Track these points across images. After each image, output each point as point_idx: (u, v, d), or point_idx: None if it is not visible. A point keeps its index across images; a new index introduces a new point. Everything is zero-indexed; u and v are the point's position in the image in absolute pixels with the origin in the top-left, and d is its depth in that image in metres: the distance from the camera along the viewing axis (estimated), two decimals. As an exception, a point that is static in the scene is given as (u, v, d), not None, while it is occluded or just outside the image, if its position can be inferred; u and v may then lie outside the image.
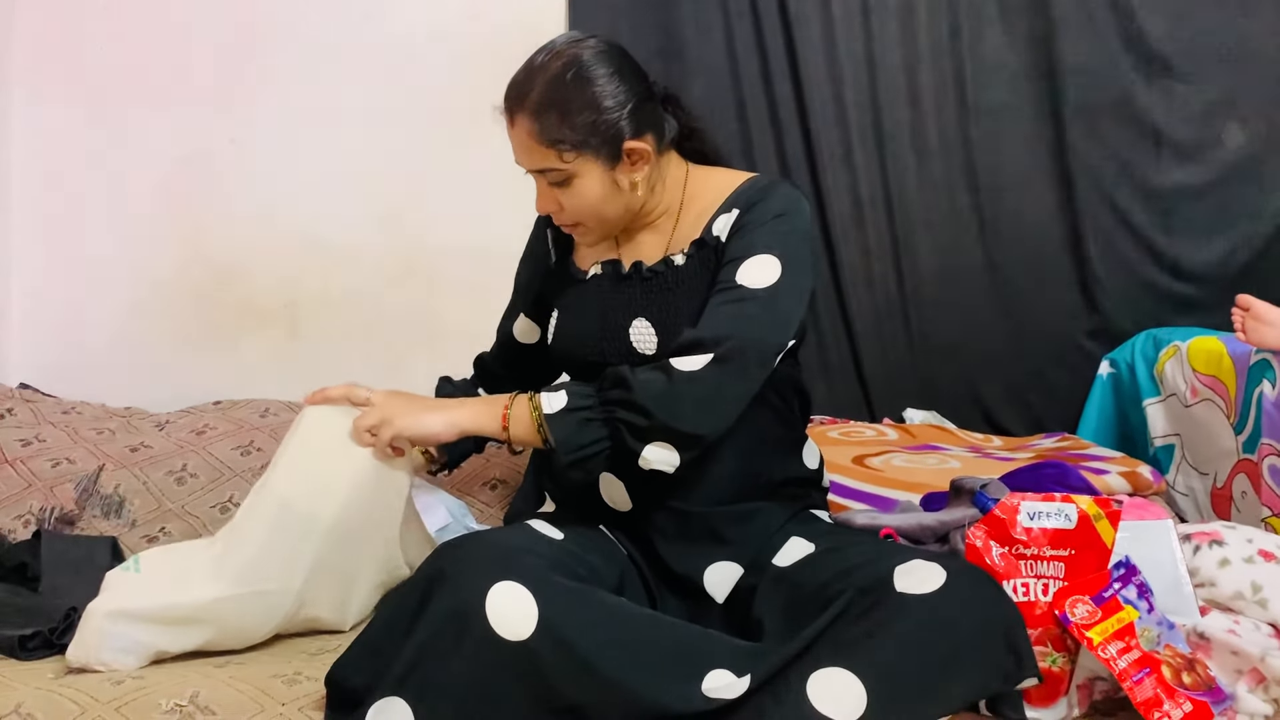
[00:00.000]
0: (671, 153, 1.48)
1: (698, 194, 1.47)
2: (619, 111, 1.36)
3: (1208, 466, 2.05)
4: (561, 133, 1.35)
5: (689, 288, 1.41)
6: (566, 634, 1.13)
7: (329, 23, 2.52)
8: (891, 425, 2.40)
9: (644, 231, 1.49)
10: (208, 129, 2.54)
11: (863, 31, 2.45)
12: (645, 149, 1.40)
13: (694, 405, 1.31)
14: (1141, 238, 2.44)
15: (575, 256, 1.55)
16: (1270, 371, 1.78)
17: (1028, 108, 2.45)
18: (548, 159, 1.37)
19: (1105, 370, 2.39)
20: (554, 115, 1.35)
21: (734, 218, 1.40)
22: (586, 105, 1.35)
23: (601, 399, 1.34)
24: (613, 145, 1.37)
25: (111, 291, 2.58)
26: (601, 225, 1.44)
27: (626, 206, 1.43)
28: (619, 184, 1.40)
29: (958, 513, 1.51)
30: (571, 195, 1.39)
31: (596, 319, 1.47)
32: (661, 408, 1.30)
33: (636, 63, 1.43)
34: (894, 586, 1.18)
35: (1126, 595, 1.33)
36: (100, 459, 1.96)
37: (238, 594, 1.37)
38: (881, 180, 2.48)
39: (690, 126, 1.49)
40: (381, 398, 1.43)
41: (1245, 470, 1.88)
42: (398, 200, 2.54)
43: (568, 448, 1.32)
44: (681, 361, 1.32)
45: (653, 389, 1.31)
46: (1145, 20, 2.36)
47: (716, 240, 1.41)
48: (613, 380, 1.34)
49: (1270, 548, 1.46)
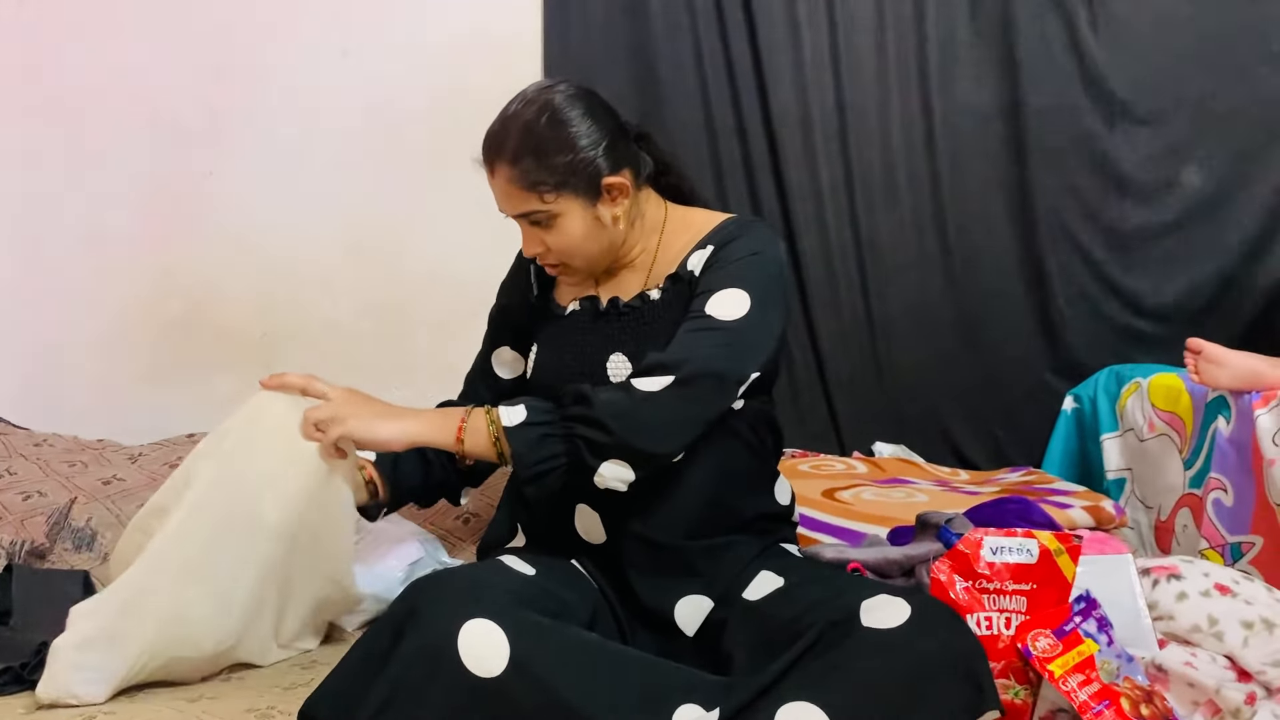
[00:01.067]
0: (649, 190, 1.52)
1: (676, 231, 1.50)
2: (594, 150, 1.40)
3: (1154, 500, 2.09)
4: (541, 175, 1.38)
5: (665, 322, 1.44)
6: (538, 670, 1.13)
7: (306, 57, 2.54)
8: (861, 459, 2.43)
9: (624, 270, 1.52)
10: (185, 161, 2.55)
11: (832, 72, 2.50)
12: (624, 183, 1.43)
13: (652, 425, 1.33)
14: (1104, 276, 2.49)
15: (555, 293, 1.57)
16: (1226, 409, 1.82)
17: (994, 149, 2.50)
18: (529, 202, 1.40)
19: (1069, 405, 2.43)
20: (531, 159, 1.38)
21: (708, 254, 1.44)
22: (563, 146, 1.38)
23: (561, 415, 1.34)
24: (592, 182, 1.40)
25: (85, 323, 2.58)
26: (587, 263, 1.47)
27: (610, 242, 1.46)
28: (601, 220, 1.43)
29: (923, 547, 1.54)
30: (556, 235, 1.42)
31: (574, 354, 1.49)
32: (621, 425, 1.31)
33: (608, 103, 1.47)
34: (860, 621, 1.20)
35: (1087, 629, 1.36)
36: (72, 492, 1.95)
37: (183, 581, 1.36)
38: (851, 219, 2.53)
39: (665, 162, 1.53)
40: (339, 394, 1.41)
41: (1189, 504, 1.93)
42: (372, 233, 2.56)
43: (526, 462, 1.33)
44: (643, 382, 1.34)
45: (613, 407, 1.32)
46: (1105, 66, 2.43)
47: (690, 275, 1.44)
48: (573, 397, 1.35)
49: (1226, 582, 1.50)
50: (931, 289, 2.54)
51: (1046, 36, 2.45)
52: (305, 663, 1.50)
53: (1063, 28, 2.45)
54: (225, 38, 2.54)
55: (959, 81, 2.49)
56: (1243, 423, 1.76)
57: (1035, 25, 2.45)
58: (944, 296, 2.54)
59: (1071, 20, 2.44)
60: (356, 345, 2.56)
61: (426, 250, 2.53)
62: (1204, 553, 1.81)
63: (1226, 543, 1.78)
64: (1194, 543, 1.87)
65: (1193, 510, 1.90)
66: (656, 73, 2.53)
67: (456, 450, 1.37)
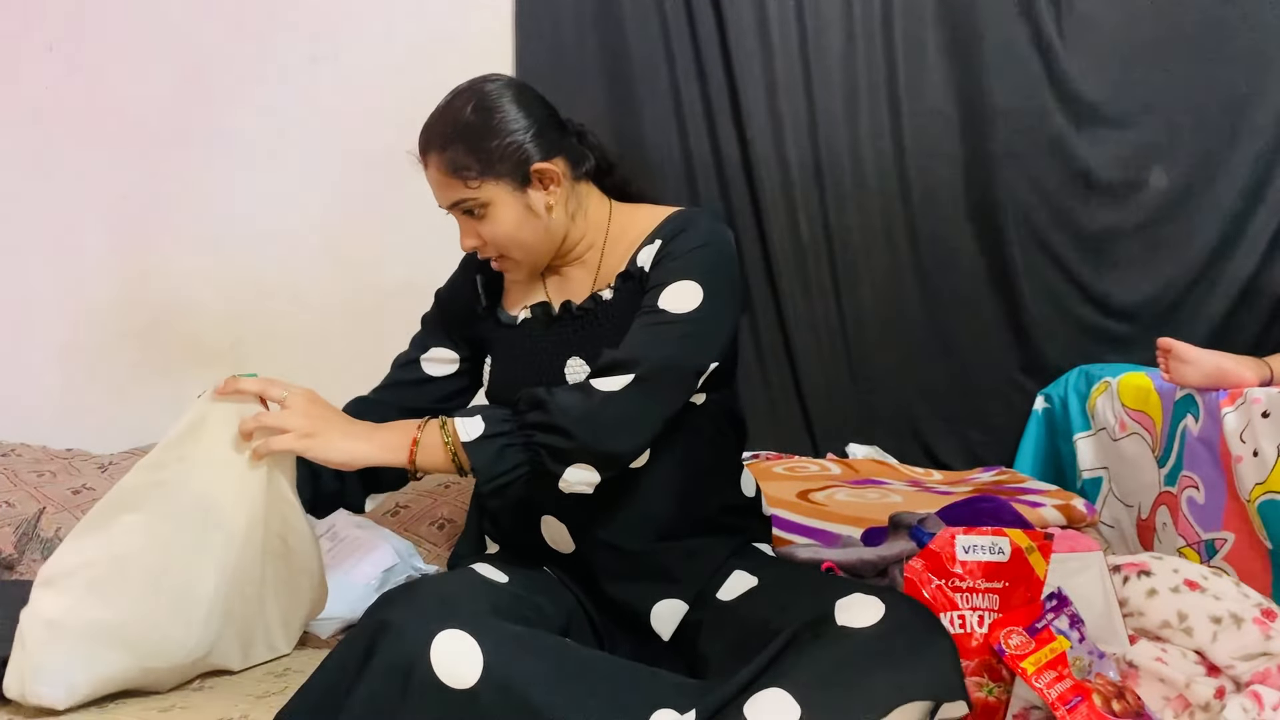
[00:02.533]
0: (591, 187, 1.51)
1: (624, 229, 1.50)
2: (523, 135, 1.40)
3: (1133, 499, 2.11)
4: (467, 160, 1.39)
5: (619, 321, 1.43)
6: (511, 679, 1.13)
7: (277, 64, 2.53)
8: (835, 460, 2.44)
9: (570, 267, 1.52)
10: (155, 168, 2.53)
11: (802, 75, 2.52)
12: (554, 170, 1.43)
13: (613, 425, 1.32)
14: (1072, 276, 2.51)
15: (505, 302, 1.56)
16: (1194, 407, 1.84)
17: (962, 150, 2.52)
18: (458, 190, 1.40)
19: (1040, 405, 2.45)
20: (460, 146, 1.39)
21: (657, 248, 1.43)
22: (490, 132, 1.39)
23: (520, 423, 1.33)
24: (519, 167, 1.40)
25: (54, 331, 2.55)
26: (526, 255, 1.46)
27: (546, 232, 1.45)
28: (532, 208, 1.43)
29: (896, 547, 1.55)
30: (488, 224, 1.42)
31: (531, 363, 1.48)
32: (582, 429, 1.30)
33: (542, 96, 1.47)
34: (835, 620, 1.21)
35: (1059, 626, 1.37)
36: (41, 502, 1.93)
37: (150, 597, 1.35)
38: (823, 222, 2.54)
39: (608, 160, 1.53)
40: (298, 403, 1.37)
41: (1166, 502, 1.94)
42: (345, 239, 2.55)
43: (487, 475, 1.32)
44: (601, 382, 1.33)
45: (572, 411, 1.31)
46: (1072, 68, 2.45)
47: (640, 271, 1.44)
48: (529, 402, 1.33)
49: (1195, 577, 1.51)
50: (903, 291, 2.55)
51: (1013, 39, 2.47)
52: (278, 670, 1.49)
53: (1029, 30, 2.46)
54: (195, 44, 2.52)
55: (927, 83, 2.51)
56: (1211, 421, 1.78)
57: (1002, 28, 2.46)
58: (915, 298, 2.55)
59: (1038, 23, 2.46)
60: (326, 352, 2.55)
61: (397, 257, 2.52)
62: (1181, 551, 1.83)
63: (1201, 539, 1.80)
64: (1173, 541, 1.89)
65: (1170, 508, 1.92)
66: (628, 74, 2.53)
67: (409, 469, 1.35)
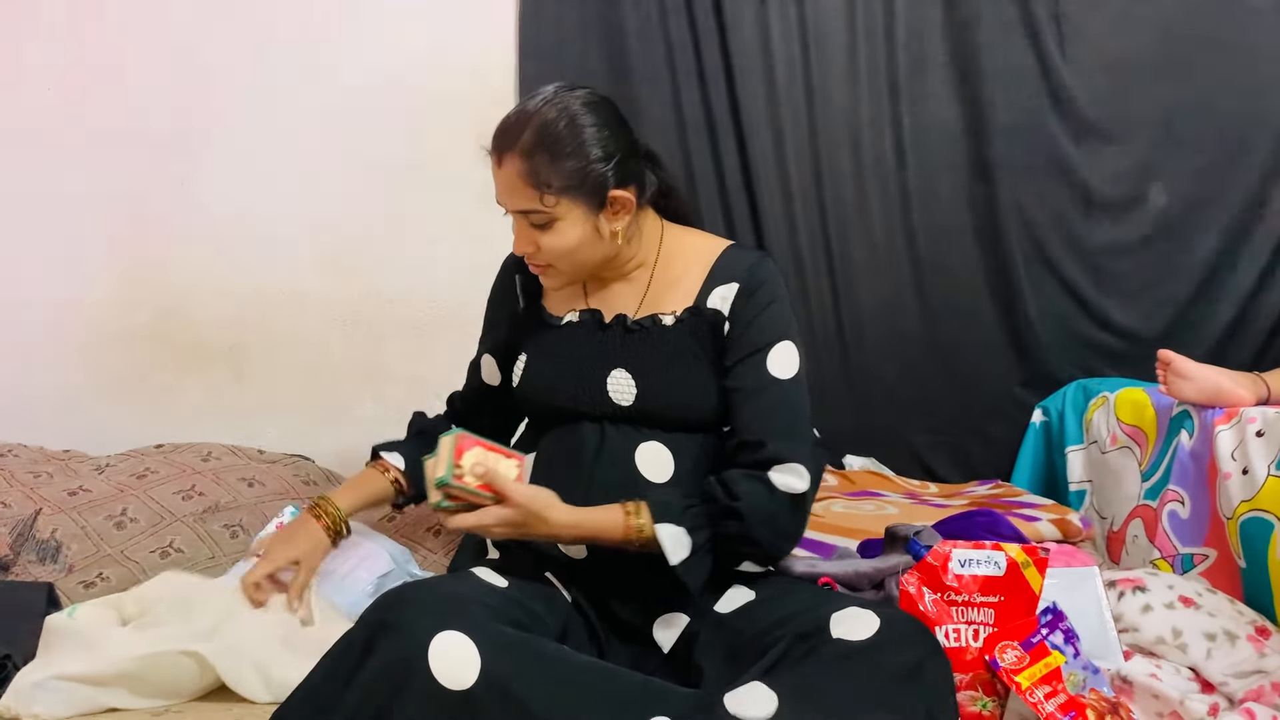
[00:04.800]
0: (649, 208, 1.54)
1: (674, 253, 1.53)
2: (606, 162, 1.41)
3: (1108, 511, 2.12)
4: (549, 175, 1.39)
5: (675, 348, 1.47)
6: (508, 683, 1.13)
7: (281, 70, 2.53)
8: (831, 472, 2.44)
9: (618, 282, 1.53)
10: (156, 170, 2.53)
11: (804, 90, 2.52)
12: (628, 199, 1.44)
13: (791, 525, 1.42)
14: (1073, 291, 2.51)
15: (546, 302, 1.58)
16: (1189, 422, 1.85)
17: (963, 166, 2.52)
18: (531, 200, 1.41)
19: (1038, 418, 2.45)
20: (543, 158, 1.39)
21: (734, 292, 1.47)
22: (575, 152, 1.39)
23: (717, 532, 1.39)
24: (598, 193, 1.42)
25: (51, 332, 2.55)
26: (573, 270, 1.48)
27: (604, 254, 1.47)
28: (600, 231, 1.44)
29: (892, 560, 1.55)
30: (552, 237, 1.43)
31: (572, 366, 1.50)
32: (768, 536, 1.40)
33: (624, 117, 1.48)
34: (830, 633, 1.21)
35: (1054, 640, 1.37)
36: (37, 503, 1.93)
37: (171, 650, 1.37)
38: (822, 233, 2.54)
39: (668, 185, 1.55)
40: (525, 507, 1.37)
41: (1141, 515, 1.95)
42: (345, 245, 2.55)
43: (696, 589, 1.38)
44: (782, 481, 1.39)
45: (760, 514, 1.38)
46: (1072, 84, 2.46)
47: (715, 313, 1.48)
48: (726, 511, 1.39)
49: (1190, 594, 1.52)
50: (902, 303, 2.55)
51: (1014, 54, 2.47)
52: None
53: (1030, 46, 2.47)
54: (198, 48, 2.53)
55: (929, 98, 2.51)
56: (1204, 437, 1.79)
57: (1003, 43, 2.47)
58: (914, 311, 2.55)
59: (1039, 38, 2.46)
60: (326, 356, 2.55)
61: (398, 261, 2.53)
62: (1155, 563, 1.83)
63: (1179, 553, 1.81)
64: (1144, 553, 1.89)
65: (1145, 521, 1.93)
66: (630, 84, 2.53)
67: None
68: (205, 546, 1.87)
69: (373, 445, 1.69)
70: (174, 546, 1.85)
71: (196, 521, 1.91)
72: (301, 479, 2.12)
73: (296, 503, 1.87)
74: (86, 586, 1.76)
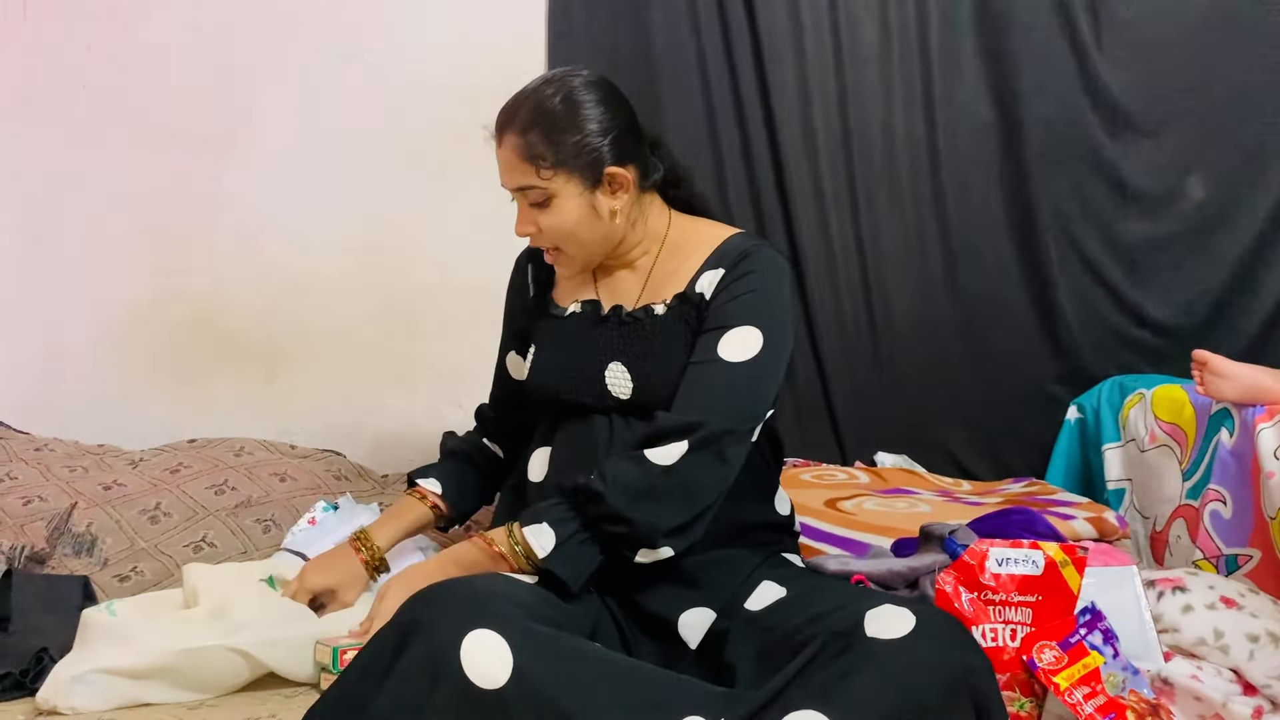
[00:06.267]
0: (655, 195, 1.53)
1: (680, 242, 1.52)
2: (602, 137, 1.42)
3: (1150, 510, 2.10)
4: (543, 150, 1.40)
5: (666, 337, 1.45)
6: (541, 681, 1.13)
7: (311, 63, 2.54)
8: (863, 469, 2.43)
9: (622, 270, 1.53)
10: (189, 166, 2.55)
11: (836, 83, 2.50)
12: (626, 177, 1.44)
13: (671, 499, 1.35)
14: (1109, 286, 2.49)
15: (554, 294, 1.58)
16: (1230, 420, 1.82)
17: (997, 158, 2.50)
18: (528, 176, 1.42)
19: (1073, 415, 2.43)
20: (538, 133, 1.40)
21: (719, 276, 1.45)
22: (571, 127, 1.41)
23: (582, 520, 1.36)
24: (593, 168, 1.42)
25: (87, 327, 2.57)
26: (581, 251, 1.48)
27: (605, 235, 1.47)
28: (597, 209, 1.44)
29: (927, 558, 1.54)
30: (549, 216, 1.43)
31: (572, 359, 1.50)
32: (640, 511, 1.33)
33: (625, 98, 1.48)
34: (864, 631, 1.20)
35: (1092, 641, 1.36)
36: (72, 497, 1.94)
37: (211, 645, 1.37)
38: (854, 229, 2.52)
39: (677, 174, 1.55)
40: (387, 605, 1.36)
41: (1184, 515, 1.93)
42: (377, 239, 2.56)
43: (574, 582, 1.35)
44: (656, 453, 1.35)
45: (628, 491, 1.34)
46: (1108, 77, 2.43)
47: (699, 297, 1.45)
48: (586, 495, 1.36)
49: (1232, 594, 1.50)
50: (935, 298, 2.53)
51: (1050, 47, 2.45)
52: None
53: (1066, 38, 2.44)
54: (229, 43, 2.54)
55: (962, 92, 2.49)
56: (1245, 436, 1.76)
57: (1038, 36, 2.44)
58: (947, 306, 2.53)
59: (1074, 31, 2.44)
60: (359, 352, 2.56)
61: (431, 256, 2.53)
62: (1198, 563, 1.81)
63: (1222, 554, 1.78)
64: (1187, 553, 1.87)
65: (1188, 521, 1.90)
66: (659, 77, 2.52)
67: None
68: (238, 541, 1.88)
69: (408, 474, 1.69)
70: (207, 541, 1.87)
71: (229, 516, 1.92)
72: (333, 474, 2.12)
73: (328, 498, 1.88)
74: (121, 580, 1.77)
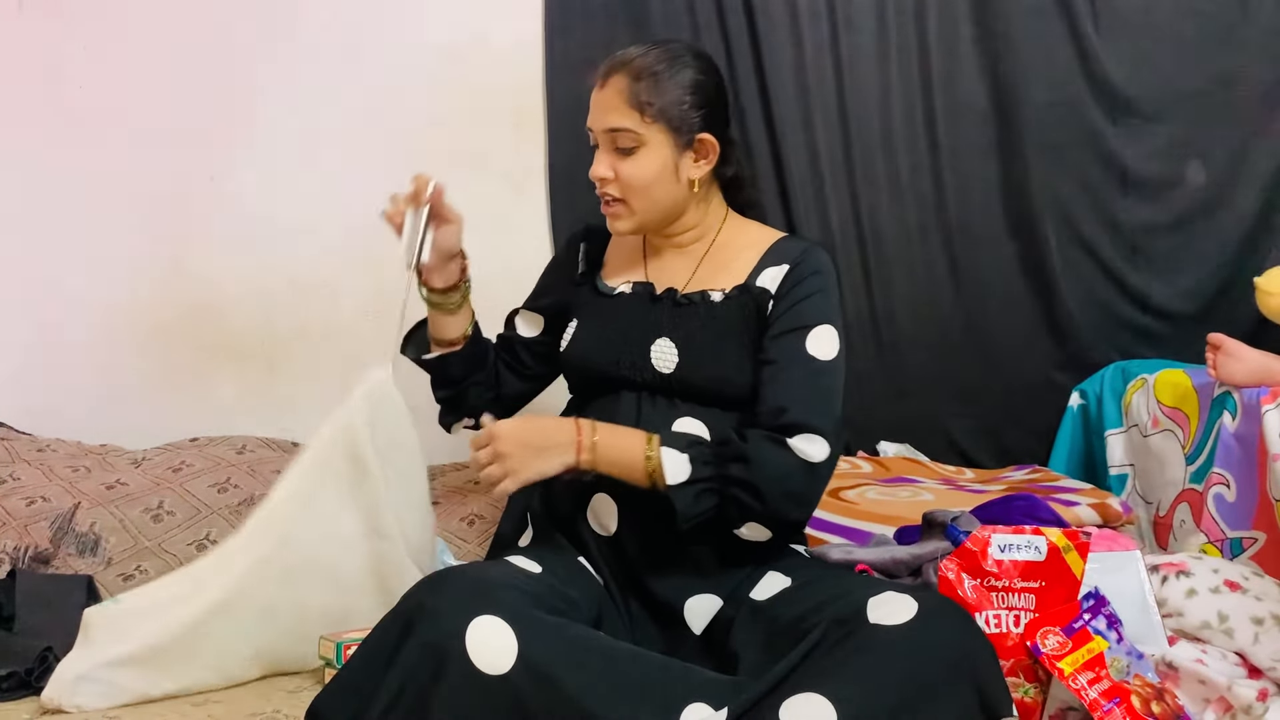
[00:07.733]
0: (718, 190, 1.58)
1: (731, 238, 1.57)
2: (704, 107, 1.49)
3: (1153, 495, 2.09)
4: (652, 97, 1.46)
5: (721, 324, 1.48)
6: (546, 668, 1.14)
7: (310, 63, 2.53)
8: (866, 458, 2.43)
9: (671, 251, 1.57)
10: (188, 164, 2.55)
11: (834, 71, 2.49)
12: (714, 148, 1.50)
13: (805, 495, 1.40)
14: (1110, 272, 2.48)
15: (603, 273, 1.62)
16: (1231, 403, 1.82)
17: (997, 146, 2.49)
18: (629, 118, 1.46)
19: (1075, 402, 2.42)
20: (649, 82, 1.46)
21: (783, 273, 1.49)
22: (679, 87, 1.48)
23: (720, 472, 1.37)
24: (689, 130, 1.48)
25: (87, 328, 2.57)
26: (647, 208, 1.50)
27: (675, 200, 1.51)
28: (678, 172, 1.49)
29: (930, 546, 1.54)
30: (632, 164, 1.47)
31: (620, 332, 1.52)
32: (775, 493, 1.36)
33: (726, 89, 1.56)
34: (867, 618, 1.20)
35: (1096, 626, 1.36)
36: (75, 496, 1.95)
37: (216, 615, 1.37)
38: (854, 217, 2.52)
39: (741, 176, 1.60)
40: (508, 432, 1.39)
41: (1188, 499, 1.93)
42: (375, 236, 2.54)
43: (685, 518, 1.36)
44: (803, 446, 1.37)
45: (773, 470, 1.36)
46: (1108, 63, 2.42)
47: (762, 291, 1.49)
48: (735, 453, 1.38)
49: (1235, 578, 1.49)
50: (936, 286, 2.53)
51: (1048, 32, 2.43)
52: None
53: (1064, 23, 2.43)
54: (227, 41, 2.54)
55: (961, 78, 2.48)
56: (1249, 418, 1.76)
57: (1037, 21, 2.43)
58: (949, 294, 2.52)
59: (1073, 16, 2.43)
60: (359, 348, 2.55)
61: (429, 254, 2.53)
62: (1203, 547, 1.81)
63: (1226, 538, 1.79)
64: (1191, 538, 1.87)
65: (1191, 505, 1.90)
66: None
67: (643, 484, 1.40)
68: (241, 539, 1.88)
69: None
70: (210, 539, 1.87)
71: (232, 514, 1.93)
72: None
73: None
74: (125, 579, 1.77)
